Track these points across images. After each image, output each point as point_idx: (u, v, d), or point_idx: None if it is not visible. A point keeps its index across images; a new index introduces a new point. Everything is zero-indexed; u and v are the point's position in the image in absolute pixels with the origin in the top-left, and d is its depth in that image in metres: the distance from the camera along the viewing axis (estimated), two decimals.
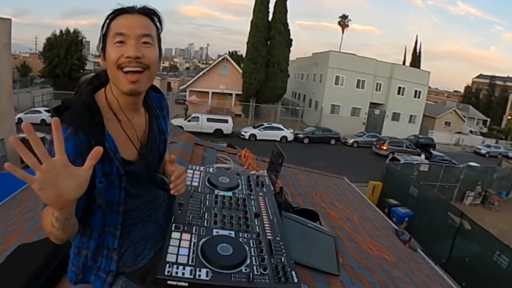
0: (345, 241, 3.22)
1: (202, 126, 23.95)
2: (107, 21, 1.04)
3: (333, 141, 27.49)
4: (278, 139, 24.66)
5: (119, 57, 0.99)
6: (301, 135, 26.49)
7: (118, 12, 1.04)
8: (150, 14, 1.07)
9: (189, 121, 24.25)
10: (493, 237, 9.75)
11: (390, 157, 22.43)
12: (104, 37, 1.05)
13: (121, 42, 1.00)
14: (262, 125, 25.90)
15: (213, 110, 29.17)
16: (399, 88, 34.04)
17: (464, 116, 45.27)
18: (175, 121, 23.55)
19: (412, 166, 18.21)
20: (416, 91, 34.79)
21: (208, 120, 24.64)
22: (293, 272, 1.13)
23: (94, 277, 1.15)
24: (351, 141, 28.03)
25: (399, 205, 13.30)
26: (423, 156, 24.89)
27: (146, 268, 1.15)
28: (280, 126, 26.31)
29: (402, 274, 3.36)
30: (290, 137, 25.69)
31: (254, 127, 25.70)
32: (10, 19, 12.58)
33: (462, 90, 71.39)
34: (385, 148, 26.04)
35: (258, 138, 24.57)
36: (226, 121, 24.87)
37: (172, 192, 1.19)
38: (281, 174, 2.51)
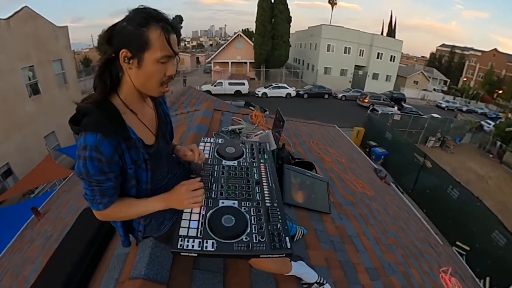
0: (336, 181, 2.78)
1: (225, 89, 20.43)
2: (149, 34, 0.68)
3: (326, 96, 23.81)
4: (284, 95, 21.27)
5: (163, 76, 0.76)
6: (301, 92, 22.84)
7: (167, 31, 0.71)
8: (179, 32, 0.79)
9: (215, 86, 20.62)
10: (448, 174, 8.79)
11: (370, 108, 19.33)
12: (141, 48, 0.69)
13: (164, 61, 0.74)
14: (271, 85, 22.36)
15: (233, 76, 25.13)
16: (378, 53, 28.47)
17: (429, 77, 38.52)
18: (204, 87, 19.87)
19: (387, 116, 15.93)
20: (391, 56, 29.12)
21: (230, 84, 21.03)
22: (287, 238, 0.89)
23: (132, 233, 1.03)
24: (340, 95, 24.06)
25: (377, 146, 12.11)
26: (396, 107, 21.47)
27: (168, 234, 0.99)
28: (285, 85, 22.63)
29: (379, 206, 3.01)
30: (293, 93, 22.08)
31: (265, 87, 22.11)
32: (66, 26, 10.78)
33: (428, 56, 60.69)
34: (366, 101, 22.31)
35: (268, 95, 21.12)
36: (243, 84, 21.34)
37: (196, 160, 1.01)
38: (284, 127, 1.98)
